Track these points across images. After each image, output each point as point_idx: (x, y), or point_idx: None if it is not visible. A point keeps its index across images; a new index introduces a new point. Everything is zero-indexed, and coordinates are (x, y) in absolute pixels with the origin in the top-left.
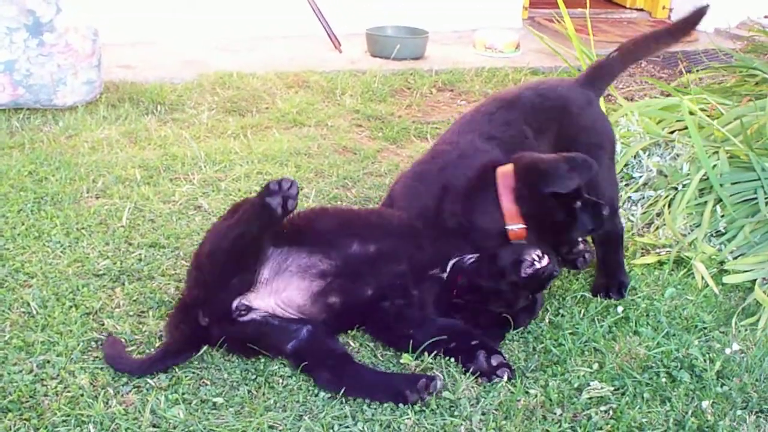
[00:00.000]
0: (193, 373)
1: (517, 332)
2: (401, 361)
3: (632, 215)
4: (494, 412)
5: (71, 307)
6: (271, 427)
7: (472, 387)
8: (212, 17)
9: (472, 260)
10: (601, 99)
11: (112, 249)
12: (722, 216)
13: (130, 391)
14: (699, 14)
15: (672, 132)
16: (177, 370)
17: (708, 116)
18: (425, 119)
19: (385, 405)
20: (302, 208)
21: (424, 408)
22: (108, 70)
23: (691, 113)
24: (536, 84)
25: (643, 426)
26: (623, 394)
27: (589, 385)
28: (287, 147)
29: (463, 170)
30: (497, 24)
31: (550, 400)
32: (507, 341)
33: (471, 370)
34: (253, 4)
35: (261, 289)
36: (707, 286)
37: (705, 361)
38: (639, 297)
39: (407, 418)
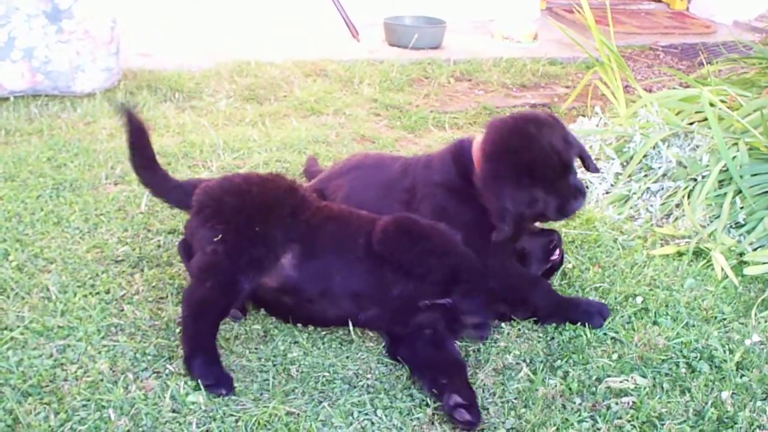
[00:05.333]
0: None
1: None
2: None
3: (651, 206)
4: (513, 401)
5: (90, 292)
6: (289, 413)
7: (491, 376)
8: (230, 6)
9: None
10: (620, 90)
11: (130, 235)
12: (742, 207)
13: (149, 376)
14: None
15: (691, 123)
16: None
17: (728, 108)
18: (443, 109)
19: (405, 393)
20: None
21: None
22: (126, 58)
23: (710, 104)
24: None
25: (663, 416)
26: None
27: (608, 375)
28: (305, 135)
29: None
30: (515, 14)
31: (570, 389)
32: (526, 331)
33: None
34: None
35: None
36: (727, 277)
37: (724, 351)
38: (658, 287)
39: (426, 407)
